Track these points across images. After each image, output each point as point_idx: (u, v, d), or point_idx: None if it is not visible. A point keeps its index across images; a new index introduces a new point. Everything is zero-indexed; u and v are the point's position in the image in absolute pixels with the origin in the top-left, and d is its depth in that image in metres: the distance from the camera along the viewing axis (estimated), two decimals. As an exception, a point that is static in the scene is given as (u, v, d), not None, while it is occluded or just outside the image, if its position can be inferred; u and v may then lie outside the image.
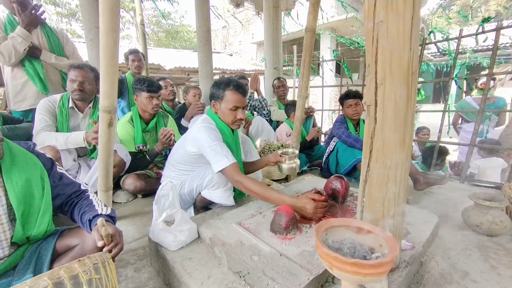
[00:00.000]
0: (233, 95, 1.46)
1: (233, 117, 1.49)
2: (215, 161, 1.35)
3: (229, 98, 1.46)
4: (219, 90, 1.48)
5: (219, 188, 1.47)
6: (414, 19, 0.73)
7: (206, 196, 1.50)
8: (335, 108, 4.30)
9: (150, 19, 15.92)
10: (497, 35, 2.15)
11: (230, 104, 1.46)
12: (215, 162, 1.35)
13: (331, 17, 8.10)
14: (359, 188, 0.92)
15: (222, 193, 1.48)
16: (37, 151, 1.00)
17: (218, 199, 1.49)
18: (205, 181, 1.47)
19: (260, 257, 0.96)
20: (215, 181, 1.45)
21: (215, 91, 1.50)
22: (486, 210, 1.34)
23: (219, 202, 1.50)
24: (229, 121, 1.51)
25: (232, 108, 1.47)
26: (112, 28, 1.23)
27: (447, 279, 1.06)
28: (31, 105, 2.10)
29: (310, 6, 2.03)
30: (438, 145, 2.57)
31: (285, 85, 3.37)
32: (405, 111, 0.78)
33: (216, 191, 1.47)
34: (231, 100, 1.46)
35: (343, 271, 0.67)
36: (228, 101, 1.47)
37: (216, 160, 1.35)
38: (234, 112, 1.49)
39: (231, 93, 1.46)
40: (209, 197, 1.50)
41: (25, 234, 0.90)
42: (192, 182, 1.52)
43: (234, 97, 1.47)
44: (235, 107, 1.48)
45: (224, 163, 1.33)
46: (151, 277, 1.16)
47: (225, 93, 1.47)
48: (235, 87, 1.47)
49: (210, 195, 1.49)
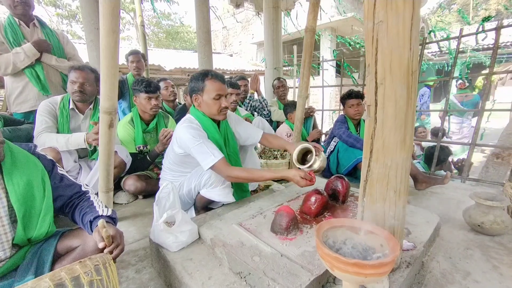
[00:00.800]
0: (213, 83, 1.46)
1: (217, 107, 1.48)
2: (202, 160, 1.37)
3: (210, 87, 1.45)
4: (198, 82, 1.48)
5: (218, 186, 1.47)
6: (414, 18, 0.73)
7: (205, 195, 1.50)
8: (335, 108, 4.30)
9: (150, 20, 15.95)
10: (498, 34, 2.15)
11: (213, 93, 1.45)
12: (202, 161, 1.36)
13: (331, 17, 8.10)
14: (359, 188, 0.92)
15: (221, 191, 1.48)
16: (38, 152, 1.00)
17: (217, 197, 1.49)
18: (202, 180, 1.47)
19: (261, 258, 0.96)
20: (213, 179, 1.45)
21: (194, 84, 1.49)
22: (487, 210, 1.34)
23: (218, 200, 1.50)
24: (215, 111, 1.49)
25: (215, 97, 1.46)
26: (113, 29, 1.23)
27: (448, 279, 1.05)
28: (32, 107, 2.10)
29: (310, 6, 2.03)
30: (439, 145, 2.57)
31: (285, 85, 3.37)
32: (406, 111, 0.78)
33: (215, 189, 1.47)
34: (212, 89, 1.45)
35: (344, 271, 0.67)
36: (209, 90, 1.46)
37: (203, 159, 1.36)
38: (218, 101, 1.47)
39: (211, 82, 1.46)
40: (208, 196, 1.50)
41: (26, 235, 0.90)
42: (190, 182, 1.52)
43: (215, 85, 1.46)
44: (218, 95, 1.46)
45: (211, 160, 1.34)
46: (152, 278, 1.16)
47: (205, 84, 1.46)
48: (213, 76, 1.47)
49: (209, 194, 1.49)
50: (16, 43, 2.00)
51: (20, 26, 2.05)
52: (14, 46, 1.99)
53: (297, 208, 1.35)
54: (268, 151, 2.59)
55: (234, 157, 1.64)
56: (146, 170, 2.15)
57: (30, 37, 2.08)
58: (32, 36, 2.10)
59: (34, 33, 2.12)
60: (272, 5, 3.67)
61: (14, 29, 2.01)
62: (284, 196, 1.56)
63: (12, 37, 2.01)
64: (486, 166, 2.65)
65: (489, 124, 2.74)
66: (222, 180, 1.47)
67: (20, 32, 2.04)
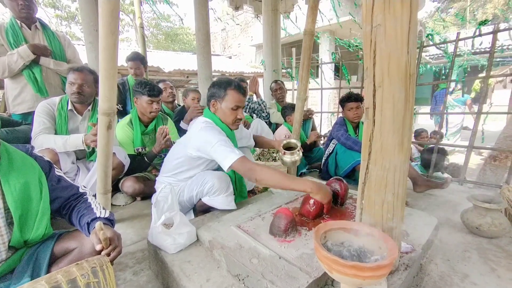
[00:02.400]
0: (235, 94, 1.48)
1: (234, 117, 1.51)
2: (224, 157, 1.31)
3: (231, 97, 1.47)
4: (220, 89, 1.49)
5: (221, 194, 1.45)
6: (412, 22, 0.74)
7: (207, 202, 1.49)
8: (334, 110, 4.32)
9: (150, 22, 15.98)
10: (494, 38, 2.17)
11: (232, 103, 1.48)
12: (224, 158, 1.30)
13: (330, 20, 8.15)
14: (358, 190, 0.92)
15: (223, 199, 1.46)
16: (35, 154, 0.99)
17: (219, 205, 1.47)
18: (205, 188, 1.45)
19: (259, 260, 0.95)
20: (216, 188, 1.43)
21: (216, 90, 1.50)
22: (485, 212, 1.34)
23: (221, 208, 1.48)
24: (230, 121, 1.51)
25: (233, 108, 1.48)
26: (112, 30, 1.23)
27: (446, 282, 1.05)
28: (30, 108, 2.10)
29: (309, 9, 2.04)
30: (437, 147, 2.58)
31: (283, 87, 3.38)
32: (404, 114, 0.78)
33: (218, 197, 1.46)
34: (232, 100, 1.47)
35: (342, 274, 0.67)
36: (229, 100, 1.48)
37: (225, 156, 1.30)
38: (235, 111, 1.50)
39: (233, 93, 1.48)
40: (210, 204, 1.49)
41: (23, 237, 0.89)
42: (191, 189, 1.51)
43: (236, 97, 1.48)
44: (236, 107, 1.49)
45: (235, 155, 1.29)
46: (149, 281, 1.15)
47: (226, 93, 1.47)
48: (236, 87, 1.49)
49: (211, 202, 1.48)
50: (16, 45, 2.00)
51: (21, 28, 2.05)
52: (14, 48, 1.99)
53: (295, 210, 1.35)
54: (266, 153, 2.59)
55: None
56: (144, 172, 2.15)
57: (31, 39, 2.08)
58: (33, 38, 2.10)
59: (36, 35, 2.12)
60: (271, 8, 3.69)
61: (15, 31, 2.01)
62: (282, 198, 1.55)
63: (13, 39, 2.01)
64: (483, 168, 2.67)
65: (486, 126, 2.75)
66: (225, 188, 1.46)
67: (21, 34, 2.04)
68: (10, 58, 1.94)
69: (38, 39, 2.12)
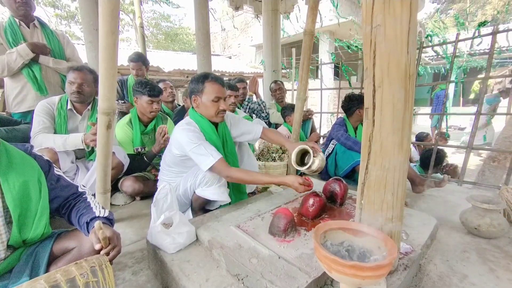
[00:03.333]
0: (213, 85, 1.48)
1: (215, 109, 1.50)
2: (201, 162, 1.39)
3: (209, 89, 1.48)
4: (198, 84, 1.49)
5: (213, 184, 1.47)
6: (411, 23, 0.74)
7: (200, 194, 1.50)
8: (333, 110, 4.32)
9: (150, 21, 15.97)
10: (493, 39, 2.17)
11: (211, 95, 1.47)
12: (201, 163, 1.39)
13: (330, 21, 8.17)
14: (357, 191, 0.92)
15: (216, 189, 1.48)
16: (35, 153, 0.99)
17: (212, 196, 1.49)
18: (198, 179, 1.47)
19: (258, 260, 0.95)
20: (208, 178, 1.46)
21: (194, 85, 1.51)
22: (484, 213, 1.35)
23: (213, 198, 1.50)
24: (212, 113, 1.51)
25: (214, 99, 1.48)
26: (112, 30, 1.23)
27: (445, 282, 1.06)
28: (29, 107, 2.09)
29: (309, 10, 2.05)
30: (436, 148, 2.59)
31: (282, 88, 3.38)
32: (403, 114, 0.78)
33: (210, 187, 1.48)
34: (211, 91, 1.47)
35: (341, 273, 0.67)
36: (208, 92, 1.48)
37: (202, 161, 1.38)
38: (216, 103, 1.49)
39: (210, 84, 1.48)
40: (203, 195, 1.49)
41: (22, 237, 0.89)
42: (186, 182, 1.53)
43: (214, 88, 1.48)
44: (217, 98, 1.48)
45: (210, 161, 1.36)
46: (148, 280, 1.15)
47: (204, 86, 1.48)
48: (213, 78, 1.49)
49: (204, 193, 1.49)
50: (15, 44, 2.00)
51: (20, 26, 2.05)
52: (13, 46, 1.98)
53: (295, 210, 1.35)
54: (266, 153, 2.59)
55: (232, 158, 1.65)
56: (143, 171, 2.15)
57: (30, 38, 2.08)
58: (32, 37, 2.09)
59: (34, 34, 2.11)
60: (271, 8, 3.69)
61: (14, 30, 2.00)
62: (282, 198, 1.56)
63: (12, 38, 2.00)
64: (482, 169, 2.67)
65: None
66: (217, 179, 1.48)
67: (20, 32, 2.04)
68: (9, 57, 1.94)
69: (37, 37, 2.11)
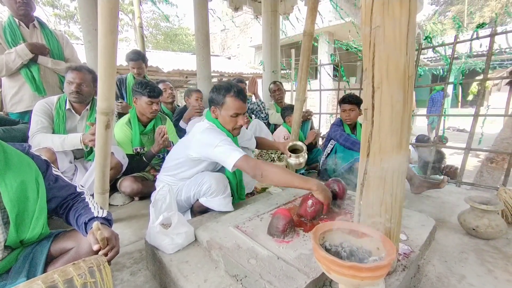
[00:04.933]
0: (234, 102, 1.43)
1: (233, 124, 1.47)
2: (227, 156, 1.30)
3: (230, 105, 1.43)
4: (219, 96, 1.44)
5: (218, 195, 1.44)
6: (410, 24, 0.74)
7: (204, 203, 1.48)
8: (332, 111, 4.33)
9: (149, 21, 15.97)
10: (492, 41, 2.18)
11: (231, 111, 1.43)
12: (228, 157, 1.29)
13: (329, 22, 8.19)
14: (356, 191, 0.92)
15: (221, 201, 1.45)
16: (32, 153, 0.99)
17: (217, 207, 1.46)
18: (203, 189, 1.44)
19: (257, 261, 0.95)
20: (214, 189, 1.42)
21: (215, 96, 1.46)
22: (482, 214, 1.35)
23: (218, 209, 1.48)
24: (230, 128, 1.48)
25: (232, 115, 1.44)
26: (111, 30, 1.23)
27: (444, 283, 1.06)
28: (27, 107, 2.08)
29: (308, 11, 2.05)
30: (434, 149, 2.59)
31: (281, 88, 3.38)
32: (402, 115, 0.79)
33: (215, 198, 1.45)
34: (232, 107, 1.43)
35: (340, 274, 0.67)
36: (228, 108, 1.43)
37: (228, 155, 1.30)
38: (235, 118, 1.46)
39: (232, 100, 1.42)
40: (207, 205, 1.48)
41: (19, 237, 0.88)
42: (189, 189, 1.50)
43: (235, 104, 1.43)
44: (236, 114, 1.45)
45: (238, 153, 1.29)
46: (147, 281, 1.15)
47: (225, 100, 1.43)
48: (235, 94, 1.43)
49: (208, 203, 1.47)
50: (14, 44, 1.99)
51: (19, 26, 2.04)
52: (12, 46, 1.98)
53: (294, 211, 1.35)
54: (265, 154, 2.59)
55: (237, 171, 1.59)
56: (142, 172, 2.14)
57: (29, 38, 2.07)
58: (31, 37, 2.09)
59: (34, 34, 2.11)
60: (271, 9, 3.70)
61: (13, 30, 2.00)
62: (281, 199, 1.56)
63: (11, 37, 2.00)
64: (480, 170, 2.68)
65: (483, 129, 2.77)
66: (223, 190, 1.45)
67: (19, 32, 2.03)
68: (7, 57, 1.93)
69: (36, 37, 2.11)
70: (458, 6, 15.18)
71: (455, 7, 15.44)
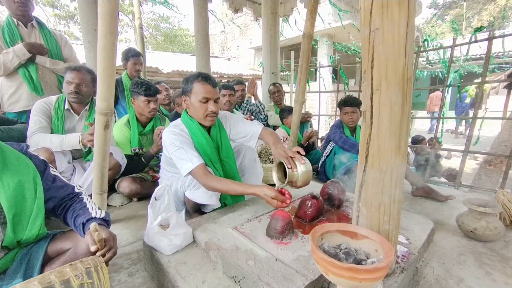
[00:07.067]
0: (201, 86, 1.41)
1: (204, 110, 1.43)
2: (180, 166, 1.37)
3: (198, 89, 1.41)
4: (188, 83, 1.44)
5: (200, 187, 1.43)
6: (409, 27, 0.75)
7: (189, 196, 1.48)
8: (331, 113, 4.34)
9: (149, 22, 15.99)
10: (490, 44, 2.20)
11: (200, 95, 1.41)
12: (180, 167, 1.37)
13: (328, 24, 8.22)
14: (355, 193, 0.92)
15: (203, 193, 1.45)
16: (30, 152, 0.98)
17: (200, 199, 1.46)
18: (186, 181, 1.46)
19: (255, 262, 0.95)
20: (195, 181, 1.43)
21: (185, 85, 1.46)
22: (480, 216, 1.35)
23: (201, 202, 1.48)
24: (201, 115, 1.44)
25: (202, 100, 1.41)
26: (111, 30, 1.23)
27: (442, 285, 1.06)
28: (25, 107, 2.08)
29: (308, 13, 2.06)
30: (433, 151, 2.60)
31: (281, 90, 3.39)
32: (401, 117, 0.79)
33: (198, 190, 1.45)
34: (200, 92, 1.41)
35: (338, 276, 0.67)
36: (197, 93, 1.41)
37: (181, 165, 1.36)
38: (205, 104, 1.42)
39: (199, 85, 1.41)
40: (191, 198, 1.47)
41: (16, 237, 0.88)
42: (177, 182, 1.52)
43: (203, 88, 1.41)
44: (206, 99, 1.41)
45: (189, 167, 1.33)
46: (144, 282, 1.14)
47: (193, 85, 1.42)
48: (203, 78, 1.42)
49: (192, 196, 1.47)
50: (12, 43, 1.99)
51: (18, 26, 2.04)
52: (10, 46, 1.97)
53: (292, 212, 1.35)
54: (264, 155, 2.59)
55: (229, 162, 1.59)
56: (141, 172, 2.13)
57: (28, 38, 2.07)
58: (29, 37, 2.08)
59: (32, 34, 2.10)
60: (271, 11, 3.71)
61: (11, 29, 2.00)
62: (279, 200, 1.55)
63: (9, 37, 1.99)
64: (479, 173, 2.69)
65: (481, 132, 2.79)
66: None
67: (17, 32, 2.03)
68: (5, 56, 1.92)
69: (35, 37, 2.10)
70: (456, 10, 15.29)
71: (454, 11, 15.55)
